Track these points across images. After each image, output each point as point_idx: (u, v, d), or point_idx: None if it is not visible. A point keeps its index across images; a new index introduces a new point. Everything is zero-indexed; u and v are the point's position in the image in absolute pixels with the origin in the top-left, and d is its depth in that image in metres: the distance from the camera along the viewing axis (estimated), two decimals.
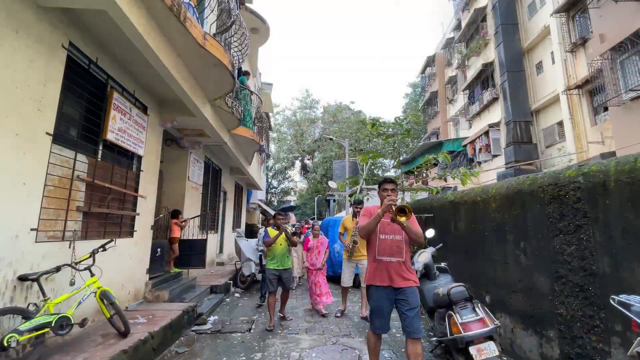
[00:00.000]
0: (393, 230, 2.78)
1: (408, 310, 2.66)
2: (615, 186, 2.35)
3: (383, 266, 2.75)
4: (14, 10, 2.74)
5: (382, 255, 2.77)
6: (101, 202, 4.10)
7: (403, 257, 2.75)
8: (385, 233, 2.80)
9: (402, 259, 2.74)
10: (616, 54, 8.31)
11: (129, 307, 4.59)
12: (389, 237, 2.79)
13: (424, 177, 14.24)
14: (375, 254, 2.80)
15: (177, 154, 7.15)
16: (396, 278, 2.71)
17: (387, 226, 2.79)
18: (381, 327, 2.77)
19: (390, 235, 2.79)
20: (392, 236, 2.78)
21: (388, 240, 2.78)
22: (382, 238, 2.80)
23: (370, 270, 2.85)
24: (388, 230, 2.80)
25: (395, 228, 2.75)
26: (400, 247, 2.76)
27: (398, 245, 2.76)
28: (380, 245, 2.79)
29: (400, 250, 2.75)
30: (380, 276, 2.76)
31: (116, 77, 4.30)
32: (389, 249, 2.76)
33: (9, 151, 2.75)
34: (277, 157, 33.64)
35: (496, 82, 15.19)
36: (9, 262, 2.76)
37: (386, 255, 2.75)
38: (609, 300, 1.90)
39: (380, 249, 2.79)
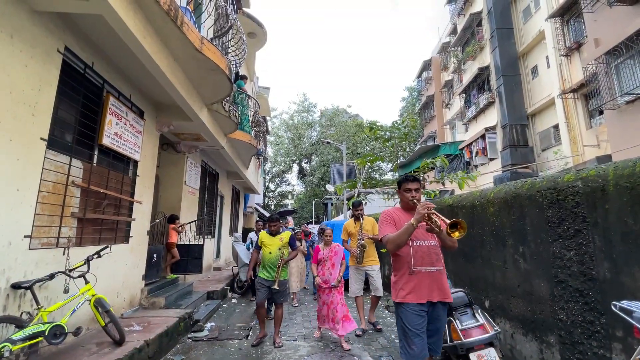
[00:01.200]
0: (426, 235, 2.39)
1: (439, 327, 2.37)
2: (615, 191, 2.34)
3: (422, 279, 2.32)
4: (8, 14, 2.71)
5: (420, 265, 2.34)
6: (96, 208, 4.05)
7: (442, 266, 2.39)
8: (419, 238, 2.38)
9: (441, 267, 2.38)
10: (611, 58, 8.39)
11: (124, 314, 4.52)
12: (423, 242, 2.38)
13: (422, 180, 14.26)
14: (411, 265, 2.35)
15: (173, 159, 7.11)
16: (436, 291, 2.32)
17: (418, 230, 2.34)
18: (422, 352, 2.28)
19: (425, 241, 2.38)
20: (427, 242, 2.39)
21: (424, 247, 2.36)
22: (417, 245, 2.37)
23: (403, 285, 2.38)
24: (421, 235, 2.38)
25: (426, 232, 2.37)
26: (438, 254, 2.40)
27: (436, 252, 2.38)
28: (417, 254, 2.35)
29: (439, 257, 2.39)
30: (418, 292, 2.31)
31: (112, 81, 4.27)
32: (427, 257, 2.35)
33: (2, 157, 2.70)
34: (275, 161, 33.63)
35: (492, 86, 15.30)
36: (2, 270, 2.71)
37: (426, 265, 2.34)
38: (610, 306, 1.89)
39: (417, 258, 2.35)
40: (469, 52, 17.40)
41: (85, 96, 3.82)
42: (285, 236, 4.34)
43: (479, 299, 3.74)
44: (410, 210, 2.47)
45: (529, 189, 3.13)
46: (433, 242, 2.40)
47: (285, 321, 5.27)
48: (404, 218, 2.45)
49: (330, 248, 4.47)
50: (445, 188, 13.26)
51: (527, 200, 3.12)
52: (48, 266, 3.17)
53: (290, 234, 4.42)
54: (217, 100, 5.80)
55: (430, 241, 2.39)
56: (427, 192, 6.48)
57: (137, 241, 4.92)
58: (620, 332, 2.26)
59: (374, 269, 4.68)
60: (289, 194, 37.56)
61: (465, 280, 4.03)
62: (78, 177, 3.71)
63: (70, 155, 3.58)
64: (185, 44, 3.90)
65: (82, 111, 3.80)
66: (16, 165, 2.82)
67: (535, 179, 3.17)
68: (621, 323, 2.20)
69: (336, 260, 4.38)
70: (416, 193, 2.45)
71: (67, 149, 3.57)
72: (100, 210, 4.11)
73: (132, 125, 4.70)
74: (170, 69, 4.21)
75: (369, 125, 6.83)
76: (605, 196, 2.40)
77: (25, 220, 2.95)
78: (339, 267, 4.35)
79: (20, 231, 2.89)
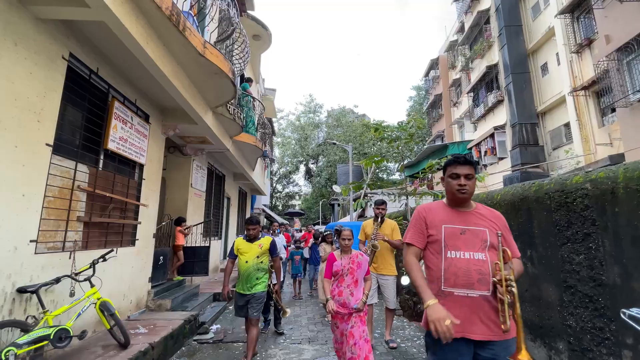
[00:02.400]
0: (471, 243, 1.72)
1: None
2: (625, 193, 2.26)
3: (455, 305, 1.65)
4: (12, 22, 2.76)
5: (452, 285, 1.68)
6: (102, 212, 4.09)
7: (489, 289, 1.65)
8: (456, 248, 1.72)
9: (487, 291, 1.64)
10: (622, 55, 8.17)
11: (130, 316, 4.56)
12: (462, 254, 1.70)
13: (429, 180, 14.12)
14: (440, 282, 1.72)
15: (180, 161, 7.17)
16: (478, 325, 1.63)
17: (459, 236, 1.74)
18: None
19: (466, 253, 1.70)
20: (470, 254, 1.70)
21: (462, 262, 1.69)
22: (452, 257, 1.71)
23: None
24: (462, 244, 1.72)
25: (475, 239, 1.72)
26: (485, 272, 1.66)
27: (481, 269, 1.67)
28: (449, 270, 1.70)
29: (486, 277, 1.66)
30: None
31: (117, 86, 4.31)
32: (465, 275, 1.67)
33: (8, 163, 2.75)
34: (282, 162, 33.74)
35: (501, 84, 15.07)
36: (8, 274, 2.75)
37: (461, 287, 1.66)
38: (620, 313, 1.82)
39: (449, 275, 1.70)
40: (476, 50, 17.17)
41: (90, 101, 3.86)
42: (264, 242, 3.74)
43: None
44: (458, 205, 1.85)
45: (536, 191, 3.06)
46: (479, 255, 1.69)
47: (290, 323, 5.26)
48: (446, 218, 1.81)
49: (350, 257, 3.14)
50: None
51: (534, 202, 3.05)
52: (54, 270, 3.21)
53: (271, 240, 3.82)
54: (222, 104, 5.82)
55: (475, 253, 1.69)
56: (435, 193, 6.41)
57: (143, 244, 4.97)
58: (630, 339, 2.18)
59: (387, 279, 4.13)
60: (296, 195, 37.62)
61: None
62: (84, 182, 3.76)
63: (75, 160, 3.63)
64: (188, 48, 3.92)
65: (88, 116, 3.84)
66: (22, 171, 2.87)
67: (543, 181, 3.09)
68: (631, 330, 2.12)
69: (359, 274, 3.09)
70: (467, 181, 1.78)
71: (73, 154, 3.61)
72: (106, 214, 4.16)
73: (137, 129, 4.75)
74: (174, 74, 4.23)
75: (375, 125, 6.77)
76: (615, 199, 2.33)
77: (31, 225, 2.99)
78: (362, 284, 3.09)
79: (26, 236, 2.93)
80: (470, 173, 1.80)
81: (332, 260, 3.20)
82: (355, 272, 3.09)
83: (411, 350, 3.96)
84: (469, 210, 1.85)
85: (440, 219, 1.83)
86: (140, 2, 3.14)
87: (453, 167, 1.83)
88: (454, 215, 1.82)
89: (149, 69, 3.83)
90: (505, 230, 1.83)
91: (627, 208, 2.24)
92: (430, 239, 1.82)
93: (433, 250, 1.81)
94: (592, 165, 8.01)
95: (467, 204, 1.86)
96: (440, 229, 1.79)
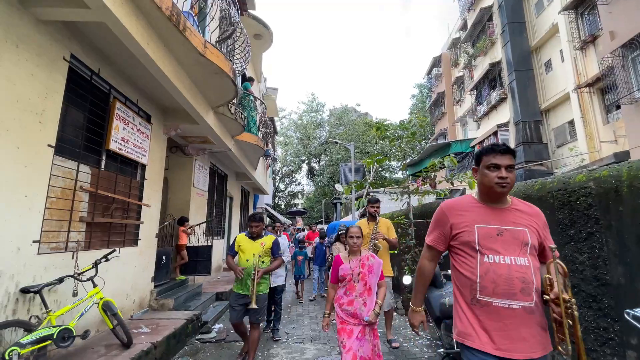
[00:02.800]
0: (510, 246, 1.48)
1: None
2: (629, 192, 2.23)
3: (493, 316, 1.44)
4: (14, 24, 2.77)
5: (491, 294, 1.45)
6: (104, 212, 4.11)
7: (532, 299, 1.42)
8: (496, 251, 1.48)
9: (531, 302, 1.42)
10: (627, 51, 8.08)
11: (134, 316, 4.59)
12: (503, 259, 1.46)
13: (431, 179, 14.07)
14: (475, 290, 1.49)
15: (182, 161, 7.18)
16: (520, 343, 1.40)
17: (496, 238, 1.50)
18: None
19: (507, 257, 1.46)
20: (511, 258, 1.46)
21: (503, 267, 1.45)
22: (491, 261, 1.47)
23: (460, 315, 1.56)
24: (500, 246, 1.48)
25: (514, 241, 1.49)
26: (529, 281, 1.43)
27: (524, 276, 1.43)
28: (487, 276, 1.47)
29: (529, 286, 1.43)
30: (486, 335, 1.45)
31: (119, 87, 4.33)
32: (506, 283, 1.43)
33: (10, 164, 2.76)
34: (284, 161, 33.75)
35: (504, 82, 14.97)
36: (11, 274, 2.77)
37: (500, 296, 1.43)
38: (624, 313, 1.80)
39: (487, 282, 1.46)
40: (479, 48, 17.06)
41: (91, 102, 3.88)
42: (267, 241, 3.61)
43: None
44: (494, 201, 1.59)
45: (539, 189, 3.03)
46: (521, 260, 1.45)
47: (292, 322, 5.27)
48: (478, 217, 1.57)
49: (359, 260, 2.74)
50: (457, 187, 13.04)
51: (537, 201, 3.02)
52: (57, 270, 3.23)
53: (274, 239, 3.67)
54: (223, 103, 5.82)
55: (517, 257, 1.45)
56: (437, 192, 6.37)
57: (145, 244, 4.99)
58: (634, 339, 2.16)
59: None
60: (299, 194, 37.64)
61: None
62: (86, 182, 3.77)
63: (78, 161, 3.64)
64: (188, 48, 3.92)
65: (89, 117, 3.86)
66: (24, 172, 2.88)
67: (546, 180, 3.06)
68: (636, 330, 2.10)
69: (372, 280, 2.69)
70: (508, 173, 1.52)
71: (75, 154, 3.63)
72: (108, 214, 4.17)
73: (139, 129, 4.76)
74: (175, 74, 4.24)
75: (377, 124, 6.75)
76: (619, 198, 2.30)
77: (34, 225, 3.01)
78: (374, 292, 2.69)
79: (29, 237, 2.95)
80: (511, 164, 1.55)
81: (339, 263, 2.79)
82: (367, 277, 2.68)
83: (413, 350, 3.95)
84: (505, 207, 1.60)
85: (472, 218, 1.58)
86: (140, 2, 3.14)
87: (491, 157, 1.57)
88: (488, 213, 1.58)
89: (149, 69, 3.84)
90: (545, 230, 1.59)
91: (631, 207, 2.22)
92: (459, 240, 1.60)
93: (464, 253, 1.58)
94: (597, 163, 7.94)
95: (503, 200, 1.61)
96: (473, 230, 1.55)
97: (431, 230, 1.75)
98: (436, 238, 1.71)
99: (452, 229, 1.63)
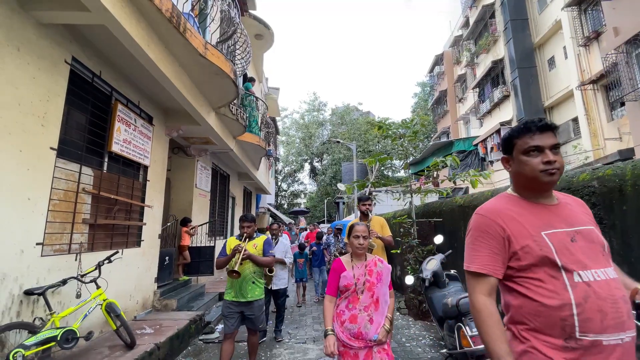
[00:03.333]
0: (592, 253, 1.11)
1: None
2: (633, 191, 2.21)
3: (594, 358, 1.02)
4: (15, 28, 2.78)
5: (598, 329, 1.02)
6: (107, 214, 4.13)
7: (633, 327, 1.06)
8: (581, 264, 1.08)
9: (633, 332, 1.05)
10: (631, 48, 8.00)
11: (137, 316, 4.61)
12: (597, 274, 1.08)
13: (434, 178, 14.02)
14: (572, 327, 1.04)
15: (184, 162, 7.20)
16: None
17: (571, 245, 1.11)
18: None
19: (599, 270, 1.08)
20: (604, 271, 1.09)
21: (603, 286, 1.06)
22: (586, 281, 1.06)
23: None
24: (584, 257, 1.10)
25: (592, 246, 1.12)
26: (626, 296, 1.10)
27: (624, 294, 1.09)
28: (587, 303, 1.04)
29: (628, 304, 1.09)
30: None
31: (120, 89, 4.34)
32: (612, 309, 1.03)
33: (13, 167, 2.78)
34: (286, 160, 33.78)
35: (507, 79, 14.87)
36: (15, 277, 2.79)
37: (612, 330, 1.02)
38: None
39: (591, 311, 1.03)
40: (482, 45, 16.96)
41: (93, 104, 3.89)
42: (259, 242, 3.37)
43: None
44: (542, 194, 1.22)
45: None
46: (611, 272, 1.10)
47: (295, 323, 5.27)
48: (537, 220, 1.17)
49: (365, 265, 2.25)
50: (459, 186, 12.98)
51: None
52: (60, 272, 3.25)
53: (265, 238, 3.44)
54: (224, 104, 5.83)
55: (607, 269, 1.10)
56: (440, 191, 6.35)
57: (148, 245, 5.01)
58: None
59: None
60: (301, 193, 37.66)
61: None
62: (89, 184, 3.79)
63: (80, 163, 3.66)
64: (189, 49, 3.92)
65: (91, 119, 3.87)
66: (27, 175, 2.90)
67: None
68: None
69: (380, 291, 2.19)
70: (555, 156, 1.17)
71: (77, 157, 3.64)
72: (111, 216, 4.19)
73: (141, 131, 4.77)
74: (176, 75, 4.24)
75: (378, 123, 6.73)
76: (623, 197, 2.28)
77: (37, 228, 3.03)
78: (385, 306, 2.19)
79: (32, 239, 2.97)
80: (556, 142, 1.19)
81: (340, 269, 2.24)
82: (374, 287, 2.17)
83: (416, 350, 3.94)
84: (555, 203, 1.22)
85: (531, 223, 1.16)
86: (140, 5, 3.15)
87: (528, 138, 1.20)
88: (544, 213, 1.19)
89: (150, 71, 3.84)
90: (597, 227, 1.22)
91: (636, 206, 2.20)
92: (527, 256, 1.11)
93: (535, 274, 1.10)
94: (601, 161, 7.87)
95: (551, 193, 1.24)
96: (541, 239, 1.11)
97: (475, 249, 1.22)
98: (490, 260, 1.17)
99: (511, 241, 1.15)
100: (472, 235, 1.25)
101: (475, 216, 1.27)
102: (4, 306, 2.70)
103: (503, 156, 1.32)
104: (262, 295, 3.35)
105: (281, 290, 4.63)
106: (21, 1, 2.82)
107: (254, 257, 3.20)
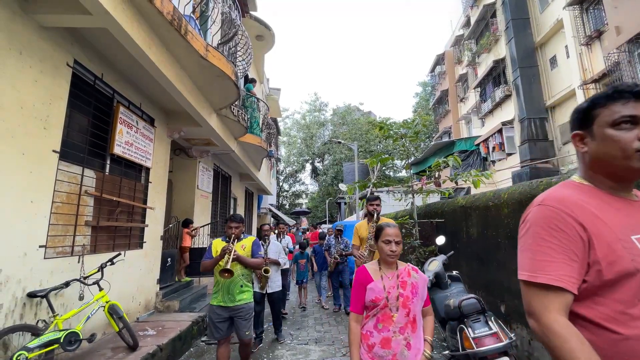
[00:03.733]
0: None
1: None
2: None
3: None
4: (16, 31, 2.79)
5: None
6: (110, 216, 4.14)
7: None
8: None
9: None
10: (634, 46, 7.97)
11: (139, 318, 4.62)
12: None
13: (436, 178, 13.99)
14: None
15: (186, 163, 7.22)
16: None
17: None
18: None
19: None
20: None
21: None
22: None
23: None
24: None
25: None
26: None
27: None
28: None
29: None
30: None
31: (122, 91, 4.35)
32: None
33: (16, 170, 2.79)
34: (287, 161, 33.79)
35: (508, 79, 14.84)
36: (18, 279, 2.80)
37: None
38: None
39: None
40: (483, 45, 16.93)
41: (95, 107, 3.90)
42: (247, 243, 3.22)
43: (495, 304, 3.62)
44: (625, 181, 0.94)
45: (544, 189, 2.99)
46: None
47: (296, 324, 5.27)
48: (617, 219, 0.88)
49: (397, 275, 1.85)
50: (461, 186, 12.95)
51: None
52: (63, 274, 3.26)
53: (254, 239, 3.29)
54: (226, 106, 5.84)
55: None
56: (441, 191, 6.33)
57: (150, 246, 5.02)
58: None
59: None
60: (303, 194, 37.66)
61: (480, 284, 3.91)
62: (91, 187, 3.80)
63: (82, 166, 3.67)
64: (190, 52, 3.93)
65: (93, 122, 3.89)
66: (29, 178, 2.91)
67: (552, 179, 3.03)
68: None
69: (416, 306, 1.80)
70: None
71: (80, 159, 3.66)
72: (113, 218, 4.21)
73: (143, 133, 4.79)
74: (177, 77, 4.25)
75: (380, 123, 6.71)
76: None
77: (40, 230, 3.04)
78: (421, 326, 1.81)
79: (35, 241, 2.98)
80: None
81: (365, 280, 1.83)
82: (410, 302, 1.77)
83: None
84: (637, 200, 0.95)
85: (616, 222, 0.87)
86: (141, 7, 3.16)
87: (620, 106, 0.89)
88: (630, 211, 0.90)
89: (152, 73, 3.86)
90: None
91: None
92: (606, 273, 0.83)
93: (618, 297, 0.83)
94: None
95: (633, 185, 0.96)
96: (632, 245, 0.84)
97: (542, 252, 0.88)
98: (568, 269, 0.85)
99: (593, 246, 0.85)
100: (534, 233, 0.90)
101: (539, 207, 0.92)
102: (7, 309, 2.71)
103: (576, 132, 0.99)
104: (250, 299, 3.20)
105: (275, 293, 4.40)
106: (23, 4, 2.83)
107: (243, 258, 3.05)
